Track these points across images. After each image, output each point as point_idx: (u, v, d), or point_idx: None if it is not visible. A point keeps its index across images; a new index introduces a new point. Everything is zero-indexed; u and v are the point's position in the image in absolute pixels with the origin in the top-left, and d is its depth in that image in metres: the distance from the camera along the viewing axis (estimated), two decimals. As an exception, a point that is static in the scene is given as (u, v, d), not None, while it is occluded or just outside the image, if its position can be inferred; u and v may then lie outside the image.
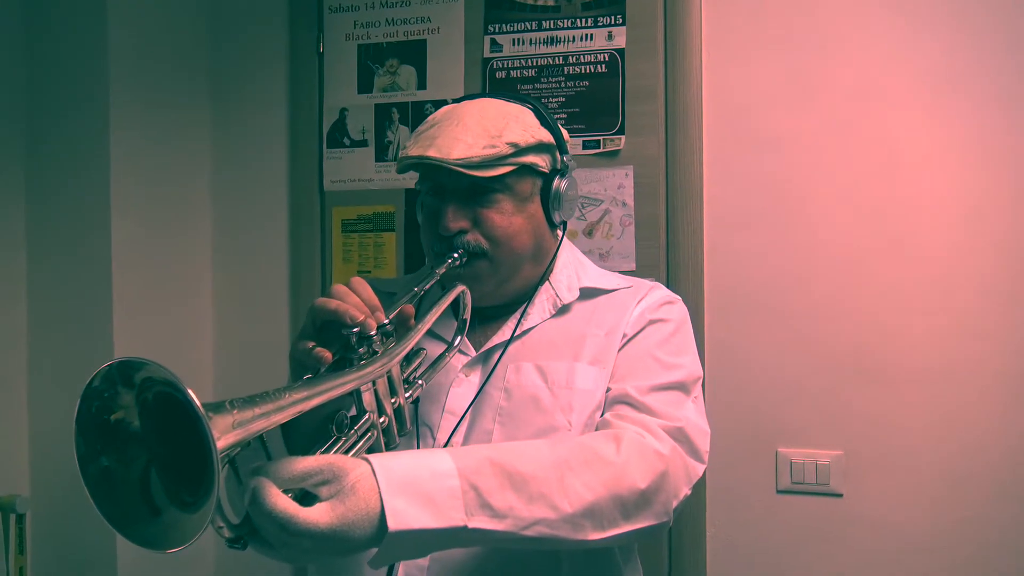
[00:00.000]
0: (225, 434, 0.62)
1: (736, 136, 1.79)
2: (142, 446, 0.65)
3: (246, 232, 2.08)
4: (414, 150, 1.04)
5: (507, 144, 1.03)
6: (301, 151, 2.02)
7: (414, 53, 1.95)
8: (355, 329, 0.82)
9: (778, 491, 1.76)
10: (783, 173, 1.76)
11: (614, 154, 1.83)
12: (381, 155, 1.97)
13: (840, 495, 1.72)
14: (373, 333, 0.84)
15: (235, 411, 0.64)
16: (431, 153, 1.01)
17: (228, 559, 2.02)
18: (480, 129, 1.03)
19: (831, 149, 1.74)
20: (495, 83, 1.90)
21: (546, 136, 1.09)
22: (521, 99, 1.13)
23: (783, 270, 1.76)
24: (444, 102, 1.91)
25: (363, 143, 1.98)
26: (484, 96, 1.14)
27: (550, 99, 1.86)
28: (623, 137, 1.82)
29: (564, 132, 1.14)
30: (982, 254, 1.66)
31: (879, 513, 1.70)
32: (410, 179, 1.94)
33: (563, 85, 1.86)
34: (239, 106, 2.08)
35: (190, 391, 0.58)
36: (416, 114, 1.95)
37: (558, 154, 1.12)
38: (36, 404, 1.85)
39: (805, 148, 1.75)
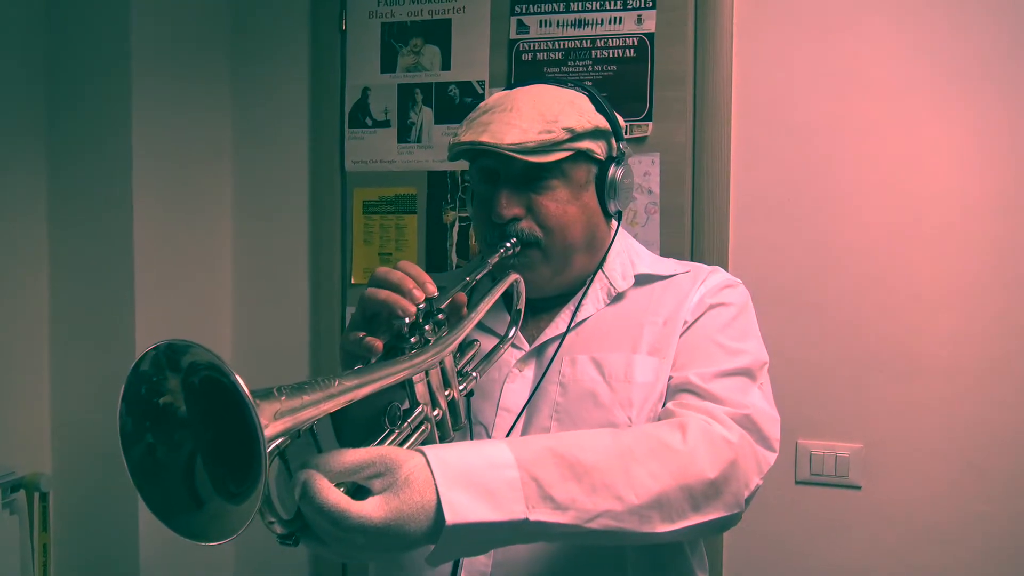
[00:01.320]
0: (273, 421, 0.59)
1: (765, 124, 1.76)
2: (188, 432, 0.63)
3: (266, 211, 2.06)
4: (467, 136, 1.01)
5: (563, 129, 0.99)
6: (322, 131, 2.00)
7: (439, 33, 1.92)
8: (407, 320, 0.79)
9: (797, 482, 1.77)
10: (812, 163, 1.74)
11: (641, 140, 1.81)
12: (404, 136, 1.95)
13: (859, 487, 1.73)
14: (421, 304, 0.81)
15: (283, 398, 0.61)
16: (484, 138, 0.98)
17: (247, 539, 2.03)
18: (535, 114, 1.00)
19: (861, 139, 1.72)
20: (521, 65, 1.87)
21: (602, 122, 1.05)
22: (576, 85, 1.09)
23: (809, 261, 1.75)
24: (468, 84, 1.90)
25: (386, 124, 1.96)
26: (537, 83, 1.09)
27: (576, 83, 1.83)
28: (651, 124, 1.80)
29: (620, 119, 1.11)
30: (1011, 250, 1.65)
31: (897, 506, 1.71)
32: (433, 162, 1.92)
33: (590, 69, 1.83)
34: (260, 83, 2.05)
35: (237, 376, 0.56)
36: (440, 95, 1.92)
37: (614, 141, 1.08)
38: (58, 384, 1.85)
39: (835, 138, 1.73)
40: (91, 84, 1.79)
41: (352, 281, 1.99)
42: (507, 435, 1.02)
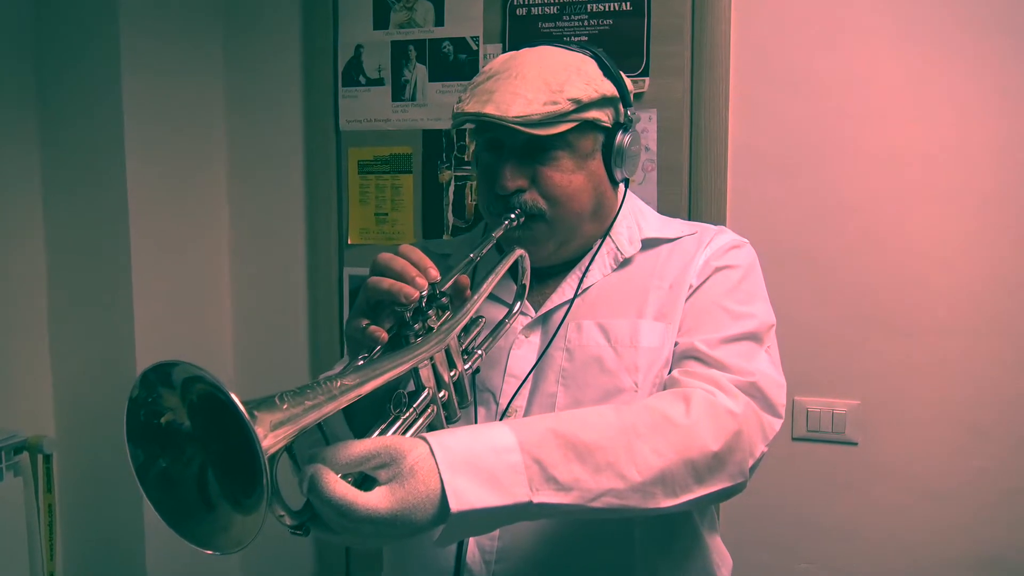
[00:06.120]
0: (272, 431, 0.60)
1: (764, 79, 1.73)
2: (197, 446, 0.64)
3: (261, 172, 2.05)
4: (471, 106, 0.99)
5: (569, 100, 0.98)
6: (316, 90, 1.98)
7: (431, -13, 1.88)
8: (410, 306, 0.79)
9: (793, 438, 1.77)
10: (811, 118, 1.72)
11: (637, 96, 1.78)
12: (398, 95, 1.92)
13: (856, 444, 1.73)
14: (424, 292, 0.82)
15: (285, 406, 0.62)
16: (489, 110, 0.96)
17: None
18: (540, 83, 0.98)
19: (862, 93, 1.68)
20: (515, 20, 1.83)
21: (609, 89, 1.03)
22: (584, 47, 1.07)
23: (808, 217, 1.73)
24: (463, 40, 1.87)
25: (379, 82, 1.93)
26: (543, 44, 1.07)
27: (572, 38, 1.80)
28: (647, 79, 1.77)
29: (628, 82, 1.09)
30: (1012, 206, 1.63)
31: (894, 462, 1.72)
32: (428, 120, 1.90)
33: (586, 23, 1.80)
34: (252, 43, 2.02)
35: (233, 395, 0.57)
36: (434, 52, 1.89)
37: (621, 107, 1.06)
38: (58, 347, 1.86)
39: (835, 92, 1.70)
40: (81, 49, 1.77)
41: (348, 242, 1.99)
42: (511, 400, 1.03)
